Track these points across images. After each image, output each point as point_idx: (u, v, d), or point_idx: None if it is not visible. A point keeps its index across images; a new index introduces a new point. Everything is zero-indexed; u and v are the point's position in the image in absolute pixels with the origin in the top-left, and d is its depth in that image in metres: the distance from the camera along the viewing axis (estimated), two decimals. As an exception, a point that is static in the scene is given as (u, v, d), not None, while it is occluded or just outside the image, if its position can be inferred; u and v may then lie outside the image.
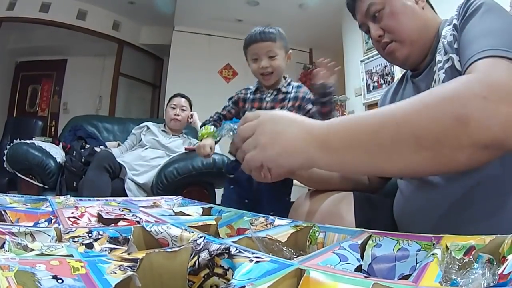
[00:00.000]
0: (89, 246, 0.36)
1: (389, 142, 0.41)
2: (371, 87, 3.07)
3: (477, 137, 0.38)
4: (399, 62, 0.72)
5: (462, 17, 0.58)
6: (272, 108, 1.16)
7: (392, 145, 0.41)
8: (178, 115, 2.08)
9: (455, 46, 0.58)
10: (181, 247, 0.33)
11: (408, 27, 0.67)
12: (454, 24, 0.60)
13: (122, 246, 0.38)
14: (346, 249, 0.35)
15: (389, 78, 2.85)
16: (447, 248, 0.33)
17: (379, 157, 0.42)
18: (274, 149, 0.47)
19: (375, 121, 0.43)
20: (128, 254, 0.31)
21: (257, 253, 0.31)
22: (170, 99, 2.18)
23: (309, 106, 1.15)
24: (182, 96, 2.16)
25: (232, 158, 1.26)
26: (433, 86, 0.61)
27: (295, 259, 0.33)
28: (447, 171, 0.44)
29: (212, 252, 0.31)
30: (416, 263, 0.35)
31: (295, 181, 1.14)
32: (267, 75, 1.14)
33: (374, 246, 0.38)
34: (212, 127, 1.18)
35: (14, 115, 4.22)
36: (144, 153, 1.98)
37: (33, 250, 0.30)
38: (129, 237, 0.40)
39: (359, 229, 0.43)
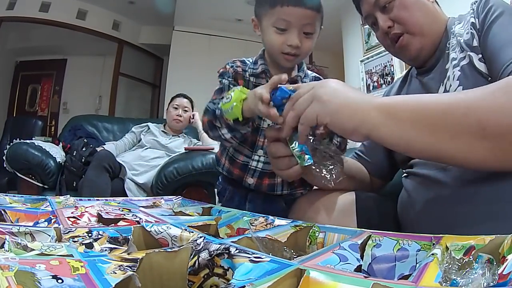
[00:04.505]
0: (89, 246, 0.36)
1: (455, 125, 0.42)
2: (371, 87, 3.08)
3: None
4: (411, 57, 0.69)
5: (483, 17, 0.58)
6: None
7: (457, 127, 0.42)
8: (180, 116, 2.08)
9: (474, 44, 0.58)
10: (181, 247, 0.33)
11: (420, 19, 0.66)
12: (472, 22, 0.59)
13: (122, 246, 0.38)
14: (346, 249, 0.35)
15: (389, 78, 2.85)
16: (447, 248, 0.33)
17: (443, 137, 0.43)
18: (334, 103, 0.48)
19: (445, 101, 0.44)
20: (128, 254, 0.31)
21: (257, 253, 0.31)
22: (172, 99, 2.18)
23: None
24: (185, 96, 2.16)
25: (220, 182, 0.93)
26: (447, 83, 0.61)
27: (295, 259, 0.33)
28: (497, 167, 0.44)
29: (212, 252, 0.31)
30: (416, 263, 0.35)
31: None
32: (291, 55, 0.76)
33: (374, 246, 0.38)
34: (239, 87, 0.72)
35: (14, 115, 4.22)
36: (144, 153, 1.98)
37: (33, 250, 0.30)
38: (129, 237, 0.40)
39: (359, 229, 0.43)
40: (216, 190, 0.96)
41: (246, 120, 0.68)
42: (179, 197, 0.88)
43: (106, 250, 0.36)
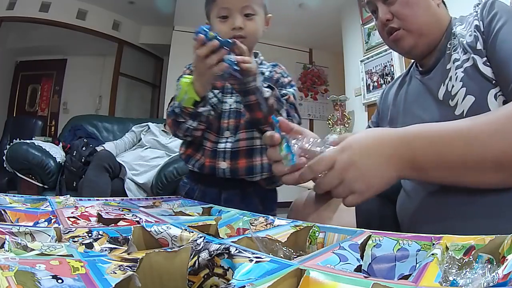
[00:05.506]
0: (89, 246, 0.36)
1: (474, 164, 0.47)
2: (371, 87, 3.08)
3: None
4: (403, 51, 0.70)
5: (488, 21, 0.58)
6: None
7: (475, 165, 0.47)
8: None
9: (478, 47, 0.58)
10: (181, 247, 0.33)
11: (421, 19, 0.66)
12: (476, 25, 0.59)
13: (122, 246, 0.38)
14: (346, 249, 0.35)
15: (389, 78, 2.85)
16: (447, 248, 0.33)
17: (463, 175, 0.48)
18: (369, 191, 0.51)
19: (461, 143, 0.48)
20: (128, 254, 0.31)
21: (257, 253, 0.31)
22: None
23: (283, 91, 0.88)
24: None
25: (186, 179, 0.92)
26: (448, 83, 0.61)
27: (295, 259, 0.33)
28: (504, 187, 0.49)
29: (212, 252, 0.31)
30: (416, 263, 0.35)
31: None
32: (238, 38, 0.80)
33: (374, 246, 0.38)
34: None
35: (14, 115, 4.23)
36: (144, 153, 1.98)
37: (33, 250, 0.30)
38: (129, 237, 0.40)
39: (359, 229, 0.43)
40: (183, 191, 0.95)
41: (203, 99, 0.76)
42: (179, 197, 0.88)
43: (106, 250, 0.36)
